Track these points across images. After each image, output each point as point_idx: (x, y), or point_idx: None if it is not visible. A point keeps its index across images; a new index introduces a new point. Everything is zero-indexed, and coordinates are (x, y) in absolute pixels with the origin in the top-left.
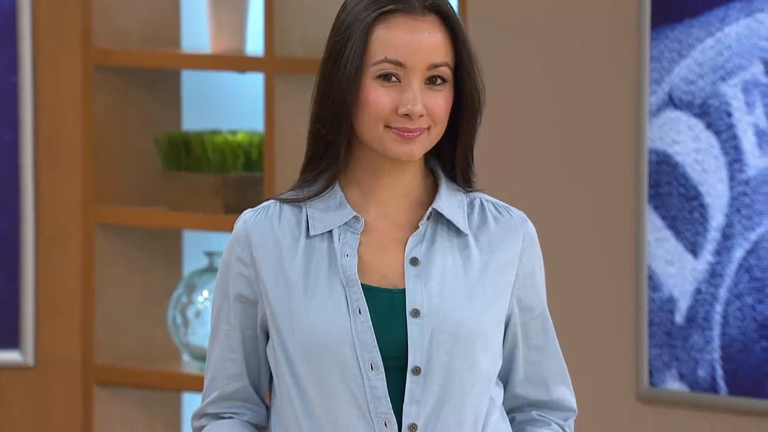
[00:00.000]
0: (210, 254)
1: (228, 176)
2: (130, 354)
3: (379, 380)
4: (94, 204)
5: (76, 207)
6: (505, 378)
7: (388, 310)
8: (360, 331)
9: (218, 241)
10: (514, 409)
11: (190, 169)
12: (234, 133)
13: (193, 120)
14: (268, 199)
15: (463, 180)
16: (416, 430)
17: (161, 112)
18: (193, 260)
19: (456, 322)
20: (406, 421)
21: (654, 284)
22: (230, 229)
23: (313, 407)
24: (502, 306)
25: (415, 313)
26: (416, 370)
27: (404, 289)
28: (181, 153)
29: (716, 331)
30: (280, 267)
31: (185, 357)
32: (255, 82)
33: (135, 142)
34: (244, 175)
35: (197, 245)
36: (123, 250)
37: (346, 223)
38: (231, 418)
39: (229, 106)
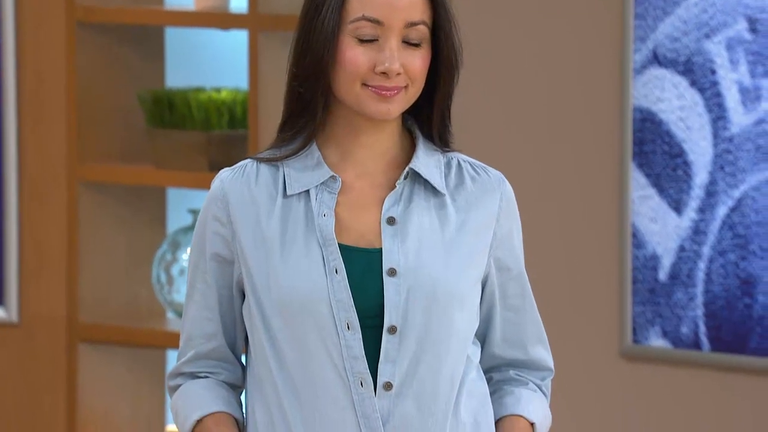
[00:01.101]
0: (194, 212)
1: (212, 134)
2: (115, 312)
3: (355, 340)
4: (78, 162)
5: (60, 165)
6: (483, 338)
7: (364, 270)
8: (336, 290)
9: (203, 198)
10: (491, 368)
11: (175, 126)
12: (218, 90)
13: (177, 77)
14: (245, 159)
15: (441, 140)
16: (391, 388)
17: (145, 69)
18: (177, 218)
19: (432, 282)
20: (381, 380)
21: (638, 242)
22: None
23: (289, 367)
24: (479, 266)
25: (392, 272)
26: (392, 330)
27: (381, 249)
28: (165, 110)
29: (699, 288)
30: (257, 226)
31: (169, 314)
32: (239, 39)
33: (119, 100)
34: (228, 132)
35: (181, 203)
36: (107, 207)
37: (323, 183)
38: (207, 377)
39: (213, 63)
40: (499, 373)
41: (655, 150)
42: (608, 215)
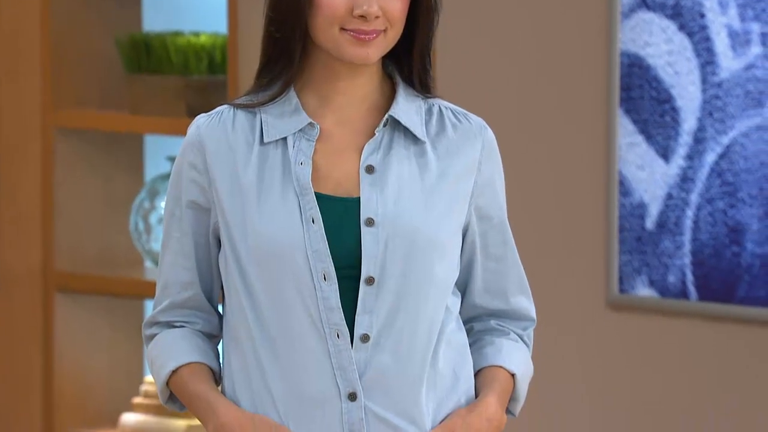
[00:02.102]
0: (173, 159)
1: (191, 79)
2: (92, 260)
3: (331, 291)
4: (53, 108)
5: (35, 111)
6: (463, 287)
7: (341, 219)
8: (313, 240)
9: (181, 145)
10: (472, 318)
11: (152, 71)
12: (197, 34)
13: (154, 21)
14: (221, 104)
15: (421, 85)
16: (368, 340)
17: (122, 12)
18: (155, 165)
19: (411, 231)
20: (358, 332)
21: (624, 189)
22: None
23: (265, 318)
24: (459, 214)
25: (370, 221)
26: (369, 280)
27: (359, 198)
28: (142, 55)
29: (687, 237)
30: (234, 174)
31: (147, 264)
32: None
33: (95, 44)
34: (207, 78)
35: (159, 150)
36: (83, 154)
37: (301, 130)
38: (183, 327)
39: (192, 6)
40: (480, 323)
41: (643, 96)
42: (595, 162)
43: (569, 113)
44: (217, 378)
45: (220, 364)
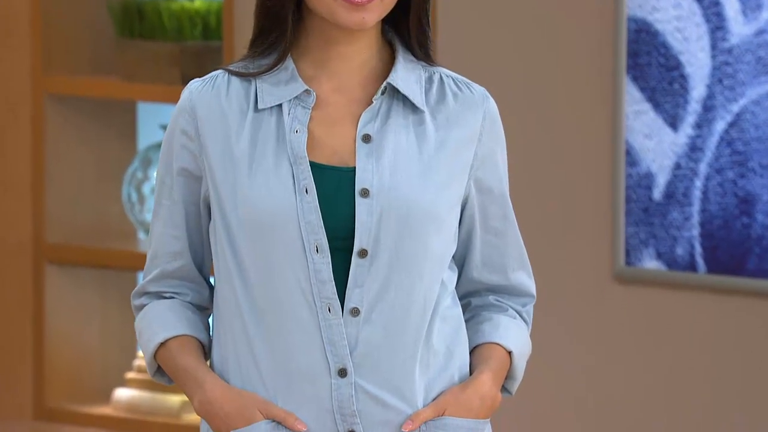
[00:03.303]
0: (166, 128)
1: (185, 45)
2: (83, 232)
3: (324, 264)
4: (44, 74)
5: (25, 77)
6: (461, 261)
7: (336, 190)
8: (306, 211)
9: None
10: (470, 293)
11: (145, 37)
12: None
13: None
14: (215, 69)
15: (421, 50)
16: (359, 315)
17: None
18: (148, 134)
19: (407, 203)
20: (348, 306)
21: (631, 159)
22: None
23: (254, 290)
24: (458, 187)
25: (365, 192)
26: (362, 253)
27: (354, 168)
28: (135, 20)
29: (696, 208)
30: (226, 141)
31: (140, 235)
32: None
33: (87, 9)
34: (201, 44)
35: (153, 118)
36: (75, 122)
37: (296, 97)
38: (172, 298)
39: None
40: (478, 298)
41: (651, 62)
42: (601, 132)
43: (574, 81)
44: (206, 351)
45: (209, 336)
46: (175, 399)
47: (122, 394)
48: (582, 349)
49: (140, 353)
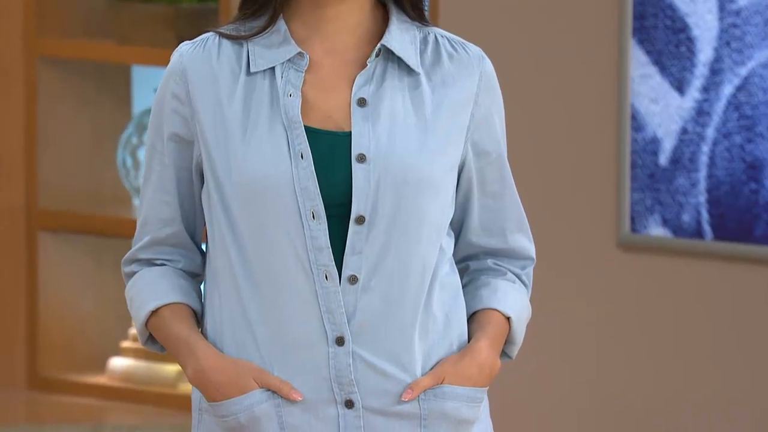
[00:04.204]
0: None
1: (180, 7)
2: (77, 198)
3: (320, 230)
4: (36, 36)
5: (17, 39)
6: (459, 225)
7: (331, 155)
8: (302, 177)
9: None
10: (468, 257)
11: None
12: None
13: None
14: (206, 31)
15: (414, 11)
16: (357, 282)
17: None
18: (143, 98)
19: (404, 168)
20: (345, 273)
21: (637, 124)
22: None
23: (250, 258)
24: (455, 150)
25: (361, 158)
26: (360, 219)
27: (350, 132)
28: None
29: (702, 173)
30: (218, 105)
31: (136, 201)
32: None
33: None
34: (197, 5)
35: (148, 81)
36: (68, 86)
37: (289, 60)
38: (164, 265)
39: None
40: (476, 261)
41: (657, 25)
42: (606, 96)
43: (579, 43)
44: (198, 319)
45: (201, 304)
46: (171, 368)
47: (117, 363)
48: (585, 319)
49: None
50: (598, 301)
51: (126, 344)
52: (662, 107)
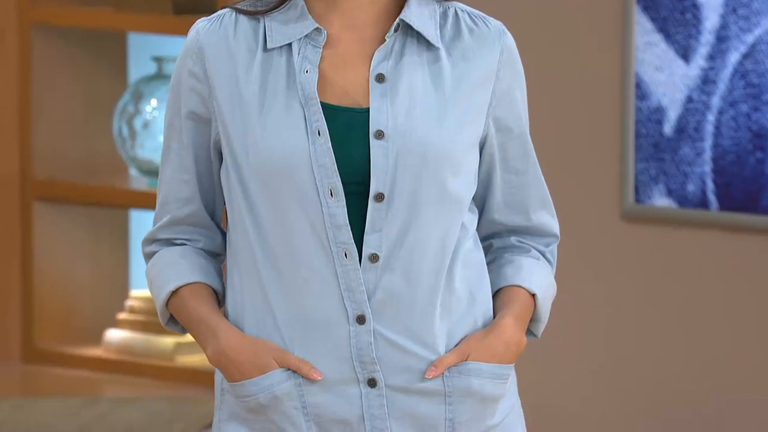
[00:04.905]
0: (159, 60)
1: None
2: (73, 167)
3: (338, 207)
4: (30, 3)
5: (11, 6)
6: (482, 203)
7: (349, 132)
8: (319, 154)
9: (167, 45)
10: (492, 234)
11: None
12: None
13: None
14: (223, 7)
15: None
16: (378, 260)
17: None
18: (139, 66)
19: (424, 144)
20: (366, 251)
21: (641, 92)
22: (181, 32)
23: (268, 237)
24: (476, 126)
25: (379, 134)
26: (379, 197)
27: (368, 109)
28: None
29: (708, 143)
30: (235, 83)
31: (132, 171)
32: None
33: None
34: None
35: (144, 49)
36: (63, 54)
37: (306, 36)
38: (184, 244)
39: None
40: (500, 239)
41: None
42: (610, 64)
43: (582, 10)
44: (219, 299)
45: (222, 284)
46: (169, 341)
47: (114, 335)
48: (589, 291)
49: (133, 293)
50: (601, 274)
51: (122, 316)
52: (667, 75)
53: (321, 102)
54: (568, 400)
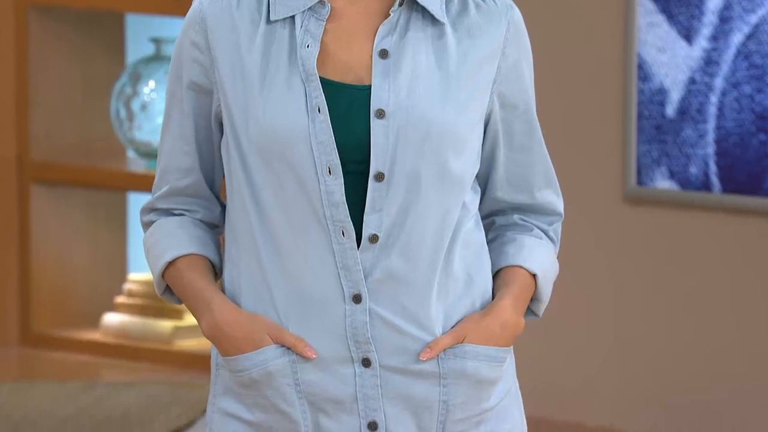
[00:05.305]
0: (157, 41)
1: None
2: (70, 150)
3: (336, 185)
4: None
5: None
6: (485, 180)
7: (350, 109)
8: (318, 131)
9: (166, 26)
10: (495, 212)
11: None
12: None
13: None
14: None
15: None
16: (377, 241)
17: None
18: (137, 47)
19: (426, 123)
20: (366, 232)
21: (644, 74)
22: (179, 12)
23: (267, 212)
24: (480, 104)
25: (380, 113)
26: (379, 176)
27: (370, 86)
28: None
29: (711, 124)
30: (237, 55)
31: (130, 154)
32: None
33: None
34: None
35: (142, 30)
36: (60, 35)
37: (310, 8)
38: (182, 215)
39: None
40: (503, 217)
41: None
42: (612, 45)
43: None
44: (217, 271)
45: (220, 256)
46: (167, 324)
47: (111, 319)
48: (591, 274)
49: (131, 277)
50: (603, 256)
51: (120, 300)
52: (670, 56)
53: (322, 78)
54: (570, 382)
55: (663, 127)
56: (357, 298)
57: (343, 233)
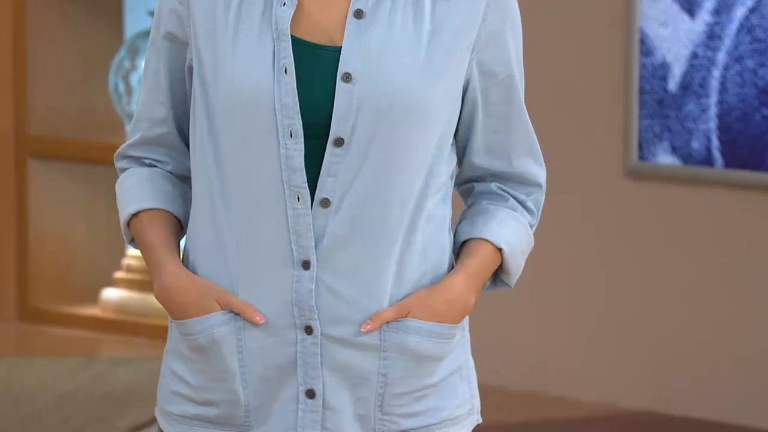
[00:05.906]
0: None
1: None
2: (68, 124)
3: (296, 150)
4: None
5: None
6: (464, 146)
7: (317, 71)
8: (283, 93)
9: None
10: (474, 178)
11: None
12: None
13: None
14: None
15: None
16: (329, 206)
17: None
18: (136, 21)
19: (392, 91)
20: (319, 195)
21: (646, 48)
22: None
23: (226, 171)
24: (456, 71)
25: (347, 77)
26: (338, 141)
27: (340, 48)
28: None
29: (713, 99)
30: (213, 9)
31: (128, 128)
32: None
33: None
34: None
35: (140, 4)
36: (58, 8)
37: None
38: (153, 166)
39: None
40: (482, 184)
41: None
42: (614, 19)
43: None
44: (183, 225)
45: (188, 210)
46: None
47: (110, 294)
48: (592, 249)
49: (129, 252)
50: (605, 231)
51: (119, 275)
52: (672, 31)
53: (294, 37)
54: (567, 357)
55: (665, 101)
56: (306, 265)
57: (298, 198)
